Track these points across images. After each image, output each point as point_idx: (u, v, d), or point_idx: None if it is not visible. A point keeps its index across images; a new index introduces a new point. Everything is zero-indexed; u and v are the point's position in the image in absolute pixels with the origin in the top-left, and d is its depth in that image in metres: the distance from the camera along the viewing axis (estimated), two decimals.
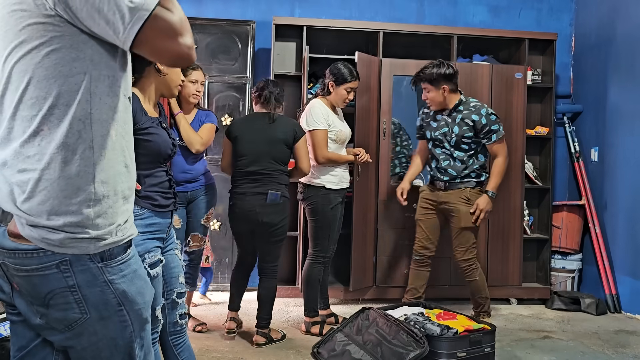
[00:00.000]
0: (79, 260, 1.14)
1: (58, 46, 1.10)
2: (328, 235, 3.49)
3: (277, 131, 3.26)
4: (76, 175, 1.13)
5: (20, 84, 1.11)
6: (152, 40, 1.12)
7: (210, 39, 4.59)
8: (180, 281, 2.12)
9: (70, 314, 1.16)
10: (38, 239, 1.12)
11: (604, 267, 4.48)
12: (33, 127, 1.11)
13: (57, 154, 1.11)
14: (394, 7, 4.94)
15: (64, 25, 1.09)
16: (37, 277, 1.13)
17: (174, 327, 2.11)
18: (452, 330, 2.91)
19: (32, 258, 1.13)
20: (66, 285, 1.14)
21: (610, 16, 4.60)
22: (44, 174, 1.11)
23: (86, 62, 1.12)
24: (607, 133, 4.58)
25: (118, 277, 1.19)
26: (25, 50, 1.10)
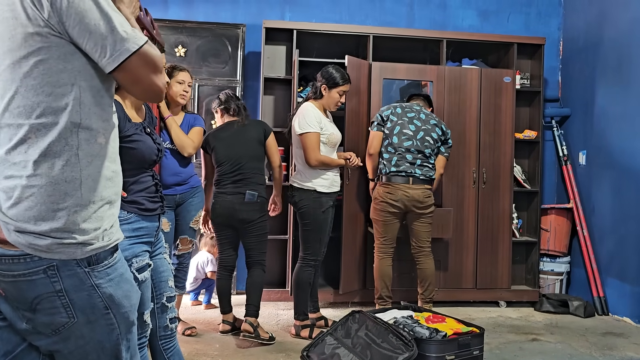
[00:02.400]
0: (66, 265, 1.15)
1: (46, 57, 1.12)
2: (319, 239, 3.50)
3: (249, 132, 3.51)
4: (63, 181, 1.14)
5: (6, 92, 1.12)
6: (135, 70, 1.18)
7: (200, 42, 4.59)
8: (170, 285, 2.11)
9: (58, 318, 1.16)
10: (25, 245, 1.12)
11: (591, 270, 4.52)
12: (20, 135, 1.12)
13: (44, 160, 1.12)
14: (384, 11, 4.96)
15: (53, 37, 1.12)
16: (24, 283, 1.14)
17: (164, 331, 2.10)
18: (441, 333, 2.93)
19: (18, 264, 1.13)
20: (53, 290, 1.14)
21: (598, 21, 4.65)
22: (31, 180, 1.12)
23: (74, 73, 1.15)
24: (594, 136, 4.62)
25: (105, 281, 1.20)
26: (13, 59, 1.11)
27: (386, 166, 3.78)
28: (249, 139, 3.50)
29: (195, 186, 3.44)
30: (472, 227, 4.45)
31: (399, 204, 3.73)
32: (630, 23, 4.25)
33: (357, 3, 4.93)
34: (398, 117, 3.80)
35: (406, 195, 3.71)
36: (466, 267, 4.45)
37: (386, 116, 3.81)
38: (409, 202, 3.72)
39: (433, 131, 3.81)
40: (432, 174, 3.80)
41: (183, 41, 4.57)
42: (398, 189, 3.72)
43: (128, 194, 1.92)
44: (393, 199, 3.73)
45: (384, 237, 3.82)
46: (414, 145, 3.75)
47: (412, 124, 3.79)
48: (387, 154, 3.79)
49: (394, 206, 3.74)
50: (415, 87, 4.75)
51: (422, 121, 3.82)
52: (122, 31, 1.14)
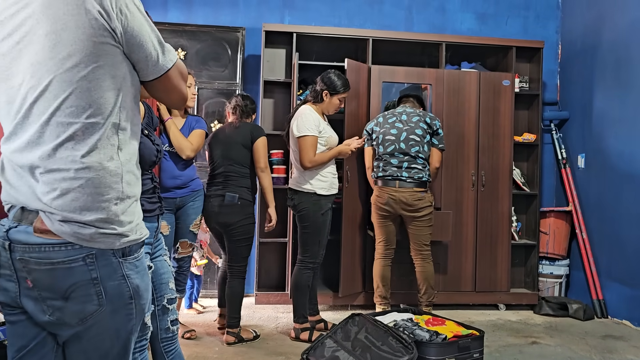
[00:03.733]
0: (103, 254, 1.22)
1: (102, 63, 1.21)
2: (318, 241, 3.50)
3: (237, 135, 3.52)
4: (109, 174, 1.23)
5: (60, 93, 1.19)
6: (170, 80, 1.34)
7: (200, 45, 4.60)
8: (171, 287, 2.11)
9: (89, 306, 1.22)
10: (69, 234, 1.19)
11: (591, 273, 4.52)
12: (69, 132, 1.20)
13: (91, 155, 1.21)
14: (383, 14, 4.97)
15: (111, 47, 1.22)
16: (62, 270, 1.20)
17: (165, 334, 2.10)
18: (441, 336, 2.93)
19: (59, 251, 1.19)
20: (90, 277, 1.21)
21: (596, 24, 4.67)
22: (79, 173, 1.20)
23: (120, 79, 1.25)
24: (593, 139, 4.63)
25: (133, 273, 1.28)
26: (72, 63, 1.19)
27: (375, 172, 3.91)
28: (234, 141, 3.50)
29: (197, 190, 3.43)
30: (471, 230, 4.45)
31: (387, 207, 3.80)
32: (628, 26, 4.27)
33: (356, 7, 4.94)
34: (380, 126, 3.91)
35: (392, 198, 3.75)
36: (465, 270, 4.45)
37: (371, 129, 3.96)
38: (396, 204, 3.76)
39: (417, 127, 3.82)
40: (421, 176, 3.77)
41: (183, 44, 4.58)
42: (385, 192, 3.79)
43: None
44: (381, 202, 3.81)
45: (380, 239, 3.93)
46: (397, 149, 3.80)
47: (393, 128, 3.85)
48: (375, 162, 3.93)
49: (383, 209, 3.82)
50: (415, 90, 4.76)
51: (403, 122, 3.85)
52: (166, 44, 1.32)
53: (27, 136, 1.21)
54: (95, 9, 1.18)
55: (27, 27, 1.20)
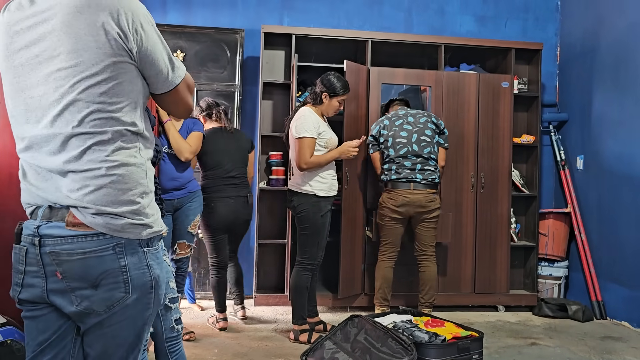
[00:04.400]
0: (130, 244, 1.32)
1: (122, 80, 1.31)
2: (317, 243, 3.50)
3: (240, 141, 3.85)
4: (135, 171, 1.33)
5: (84, 108, 1.28)
6: (178, 93, 1.44)
7: (199, 47, 4.60)
8: (172, 286, 2.11)
9: (117, 293, 1.30)
10: (102, 225, 1.28)
11: (590, 274, 4.52)
12: (95, 139, 1.29)
13: (119, 155, 1.31)
14: (382, 16, 4.98)
15: (128, 64, 1.31)
16: (93, 259, 1.28)
17: (170, 333, 2.10)
18: (440, 337, 2.93)
19: (91, 241, 1.28)
20: (119, 266, 1.30)
21: (594, 26, 4.68)
22: (110, 170, 1.29)
23: (137, 92, 1.35)
24: (592, 141, 4.64)
25: (155, 263, 1.38)
26: (94, 81, 1.28)
27: (387, 175, 3.87)
28: (242, 147, 3.83)
29: (194, 191, 3.44)
30: (470, 231, 4.45)
31: (400, 209, 3.79)
32: (626, 29, 4.28)
33: (356, 8, 4.95)
34: (388, 129, 3.89)
35: (407, 200, 3.76)
36: (465, 271, 4.45)
37: (377, 133, 3.94)
38: (411, 207, 3.77)
39: (426, 128, 3.87)
40: (434, 177, 3.83)
41: (182, 46, 4.58)
42: (399, 194, 3.78)
43: None
44: (394, 204, 3.79)
45: (385, 241, 3.91)
46: (410, 151, 3.80)
47: (403, 130, 3.86)
48: (386, 165, 3.89)
49: (396, 212, 3.80)
50: (414, 92, 4.77)
51: (411, 123, 3.88)
52: (176, 61, 1.43)
53: (51, 145, 1.30)
54: (114, 30, 1.27)
55: (48, 43, 1.28)
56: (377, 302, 3.91)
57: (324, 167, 3.50)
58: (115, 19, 1.27)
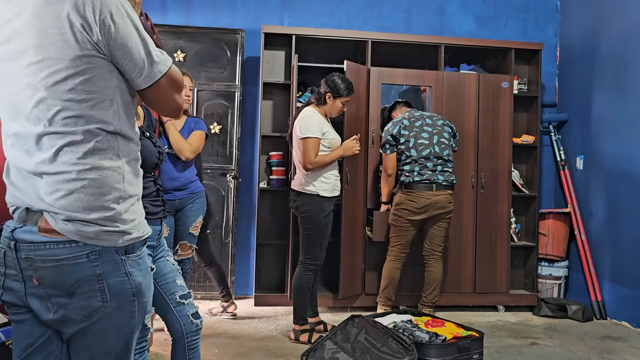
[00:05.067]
0: (107, 251, 1.25)
1: (91, 75, 1.23)
2: (320, 243, 3.51)
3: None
4: (110, 174, 1.26)
5: (52, 106, 1.22)
6: (162, 89, 1.33)
7: (199, 47, 4.60)
8: (179, 284, 2.11)
9: (94, 302, 1.25)
10: (73, 232, 1.22)
11: (589, 274, 4.53)
12: (67, 140, 1.23)
13: (92, 157, 1.24)
14: (382, 16, 4.98)
15: (98, 59, 1.24)
16: (67, 267, 1.23)
17: (190, 327, 2.10)
18: (441, 337, 2.93)
19: (64, 248, 1.23)
20: (94, 274, 1.24)
21: (594, 27, 4.68)
22: (81, 174, 1.23)
23: (112, 89, 1.27)
24: (592, 141, 4.64)
25: (136, 270, 1.31)
26: (61, 77, 1.22)
27: (409, 176, 3.83)
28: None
29: (196, 192, 3.42)
30: (470, 231, 4.46)
31: (421, 211, 3.81)
32: (626, 29, 4.28)
33: (355, 9, 4.95)
34: (409, 129, 3.88)
35: (429, 201, 3.79)
36: (465, 271, 4.46)
37: (397, 133, 3.89)
38: (432, 208, 3.81)
39: (444, 131, 3.93)
40: (453, 179, 3.90)
41: (182, 46, 4.58)
42: (421, 196, 3.79)
43: None
44: (415, 206, 3.80)
45: (398, 243, 3.90)
46: (432, 153, 3.84)
47: (423, 131, 3.88)
48: (408, 166, 3.86)
49: (415, 213, 3.81)
50: (414, 93, 4.77)
51: (431, 125, 3.92)
52: (155, 55, 1.29)
53: (29, 144, 1.25)
54: (78, 21, 1.19)
55: (21, 37, 1.23)
56: (381, 302, 3.90)
57: (328, 167, 3.51)
58: (80, 10, 1.19)
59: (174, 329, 2.10)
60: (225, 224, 4.59)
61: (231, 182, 4.61)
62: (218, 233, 4.59)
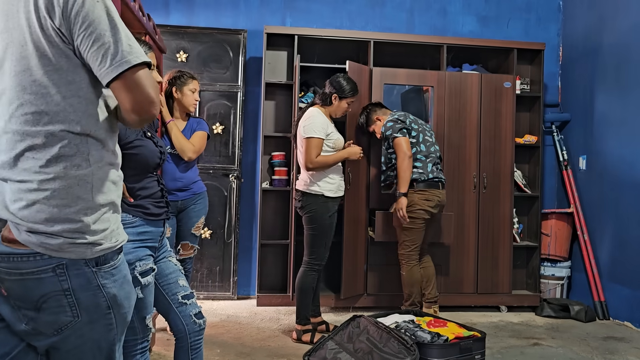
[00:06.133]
0: (75, 264, 1.16)
1: (56, 68, 1.13)
2: (324, 243, 3.52)
3: None
4: (76, 184, 1.16)
5: (14, 99, 1.13)
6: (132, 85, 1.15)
7: (201, 47, 4.61)
8: (182, 284, 2.11)
9: (62, 317, 1.16)
10: (36, 244, 1.13)
11: (592, 275, 4.52)
12: (27, 142, 1.13)
13: (56, 165, 1.14)
14: (384, 16, 4.98)
15: (64, 49, 1.13)
16: (31, 281, 1.14)
17: (193, 327, 2.10)
18: (443, 337, 2.93)
19: (27, 262, 1.13)
20: (61, 288, 1.15)
21: (597, 26, 4.67)
22: (43, 184, 1.13)
23: (81, 84, 1.16)
24: (594, 141, 4.63)
25: (110, 282, 1.21)
26: (23, 66, 1.12)
27: (423, 174, 3.79)
28: None
29: (199, 192, 3.43)
30: (472, 232, 4.45)
31: (434, 211, 3.83)
32: (629, 29, 4.27)
33: (358, 9, 4.95)
34: (416, 124, 3.89)
35: (439, 200, 3.83)
36: (467, 271, 4.45)
37: (409, 124, 3.85)
38: (440, 207, 3.87)
39: (432, 133, 4.00)
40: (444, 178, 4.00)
41: (184, 47, 4.59)
42: (434, 195, 3.80)
43: (134, 199, 1.93)
44: (430, 205, 3.78)
45: (415, 245, 3.81)
46: (435, 152, 3.89)
47: (427, 131, 3.93)
48: (419, 162, 3.82)
49: (430, 212, 3.81)
50: (416, 93, 4.77)
51: (426, 126, 3.97)
52: (127, 44, 1.14)
53: None
54: (43, 4, 1.10)
55: None
56: (413, 307, 3.78)
57: (332, 168, 3.51)
58: None
59: (176, 329, 2.10)
60: (228, 224, 4.60)
61: (233, 183, 4.61)
62: (220, 233, 4.60)
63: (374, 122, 3.97)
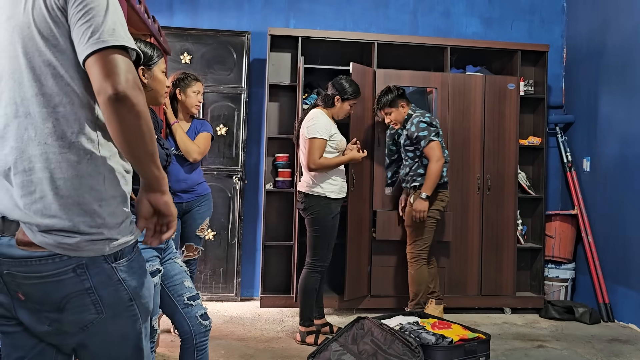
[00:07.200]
0: (94, 262, 1.14)
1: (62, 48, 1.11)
2: (327, 245, 3.52)
3: None
4: (88, 174, 1.13)
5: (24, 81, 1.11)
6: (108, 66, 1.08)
7: (205, 49, 4.62)
8: (187, 285, 2.11)
9: (87, 315, 1.15)
10: (53, 245, 1.10)
11: (597, 276, 4.51)
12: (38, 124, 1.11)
13: (66, 152, 1.11)
14: (388, 18, 4.98)
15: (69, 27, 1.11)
16: (52, 283, 1.12)
17: (199, 328, 2.10)
18: (447, 339, 2.93)
19: (46, 264, 1.11)
20: (83, 288, 1.14)
21: (600, 28, 4.67)
22: (55, 172, 1.11)
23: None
24: (598, 143, 4.63)
25: (129, 275, 1.20)
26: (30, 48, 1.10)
27: (445, 176, 3.91)
28: None
29: (203, 194, 3.43)
30: (476, 233, 4.45)
31: (445, 210, 3.98)
32: (633, 30, 4.27)
33: (361, 11, 4.96)
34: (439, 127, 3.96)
35: (449, 200, 4.01)
36: (471, 273, 4.45)
37: (439, 126, 3.93)
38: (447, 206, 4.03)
39: None
40: None
41: (188, 48, 4.60)
42: (446, 195, 3.95)
43: None
44: (443, 205, 3.94)
45: (426, 244, 3.90)
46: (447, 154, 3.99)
47: None
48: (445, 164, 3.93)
49: (441, 213, 3.95)
50: (420, 94, 4.77)
51: None
52: (111, 28, 1.10)
53: None
54: None
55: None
56: (418, 307, 3.84)
57: (335, 169, 3.52)
58: None
59: (182, 331, 2.10)
60: (231, 225, 4.61)
61: (237, 184, 4.62)
62: (224, 234, 4.60)
63: (397, 108, 3.89)
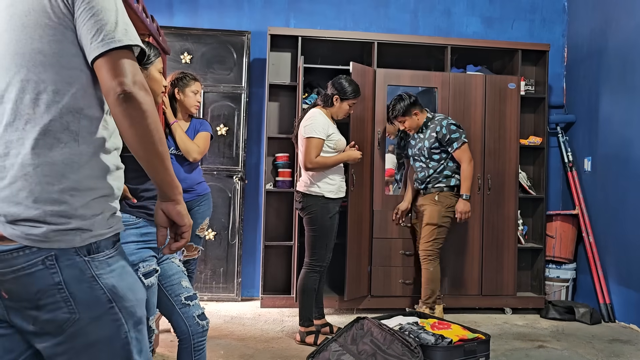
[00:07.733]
0: (64, 254, 1.09)
1: (60, 38, 1.11)
2: (325, 245, 3.51)
3: None
4: (61, 162, 1.10)
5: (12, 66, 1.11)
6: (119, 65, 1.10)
7: (205, 49, 4.61)
8: (185, 285, 2.11)
9: (59, 314, 1.09)
10: (21, 236, 1.07)
11: (597, 277, 4.50)
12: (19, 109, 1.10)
13: (41, 139, 1.09)
14: (388, 18, 4.98)
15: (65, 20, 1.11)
16: (24, 277, 1.08)
17: (196, 328, 2.09)
18: (447, 339, 2.92)
19: (18, 257, 1.08)
20: (53, 282, 1.08)
21: (601, 27, 4.65)
22: (26, 158, 1.08)
23: (84, 59, 1.13)
24: (599, 143, 4.61)
25: (106, 272, 1.13)
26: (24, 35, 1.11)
27: (458, 178, 4.02)
28: None
29: (203, 194, 3.42)
30: (477, 233, 4.44)
31: None
32: (634, 30, 4.25)
33: (362, 10, 4.95)
34: None
35: None
36: (471, 273, 4.44)
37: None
38: None
39: None
40: None
41: (188, 48, 4.59)
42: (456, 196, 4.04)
43: (138, 201, 1.92)
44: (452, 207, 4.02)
45: (442, 243, 4.02)
46: None
47: None
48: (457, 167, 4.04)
49: None
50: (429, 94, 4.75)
51: None
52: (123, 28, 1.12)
53: None
54: None
55: None
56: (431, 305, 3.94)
57: (333, 169, 3.51)
58: None
59: (180, 331, 2.10)
60: (232, 225, 4.60)
61: (237, 184, 4.61)
62: (224, 234, 4.60)
63: (411, 116, 3.97)
